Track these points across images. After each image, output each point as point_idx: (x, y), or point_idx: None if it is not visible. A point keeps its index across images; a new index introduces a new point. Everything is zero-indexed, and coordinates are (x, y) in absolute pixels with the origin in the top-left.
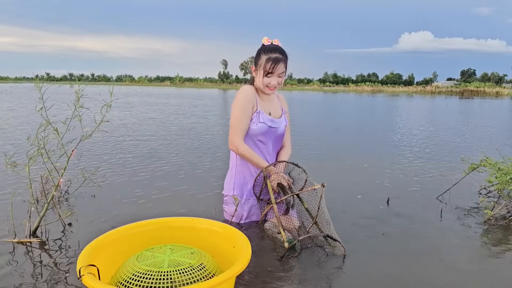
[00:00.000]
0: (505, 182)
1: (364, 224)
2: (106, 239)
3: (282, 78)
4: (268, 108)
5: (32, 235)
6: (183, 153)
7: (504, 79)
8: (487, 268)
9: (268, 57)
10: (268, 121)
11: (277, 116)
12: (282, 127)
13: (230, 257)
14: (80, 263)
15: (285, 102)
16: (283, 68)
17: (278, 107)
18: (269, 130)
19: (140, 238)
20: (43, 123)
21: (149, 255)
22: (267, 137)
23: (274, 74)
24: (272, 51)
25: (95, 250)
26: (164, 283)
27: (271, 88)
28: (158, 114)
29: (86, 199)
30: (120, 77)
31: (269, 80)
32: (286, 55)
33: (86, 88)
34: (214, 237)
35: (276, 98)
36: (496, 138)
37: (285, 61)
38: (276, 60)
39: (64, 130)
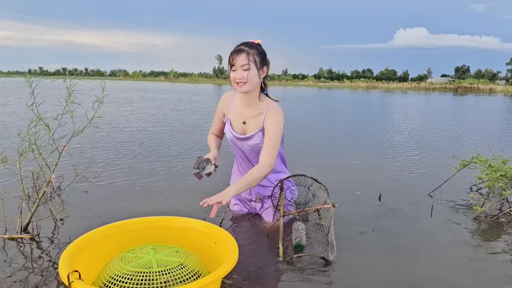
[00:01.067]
0: (495, 179)
1: (355, 220)
2: (83, 242)
3: (248, 72)
4: (245, 117)
5: (23, 231)
6: (181, 149)
7: (498, 76)
8: (477, 265)
9: (233, 50)
10: (229, 133)
11: (250, 129)
12: (250, 144)
13: (213, 254)
14: (62, 268)
15: (273, 116)
16: (246, 60)
17: (258, 121)
18: (232, 140)
19: (117, 239)
20: (34, 119)
21: (132, 257)
22: (234, 146)
23: (236, 67)
24: (238, 45)
25: (73, 254)
26: (156, 283)
27: (239, 84)
28: (159, 110)
29: (78, 195)
30: (114, 71)
31: (234, 75)
32: (257, 50)
33: (79, 83)
34: (193, 234)
35: (263, 113)
36: (488, 135)
37: (250, 53)
38: (237, 51)
39: (55, 125)
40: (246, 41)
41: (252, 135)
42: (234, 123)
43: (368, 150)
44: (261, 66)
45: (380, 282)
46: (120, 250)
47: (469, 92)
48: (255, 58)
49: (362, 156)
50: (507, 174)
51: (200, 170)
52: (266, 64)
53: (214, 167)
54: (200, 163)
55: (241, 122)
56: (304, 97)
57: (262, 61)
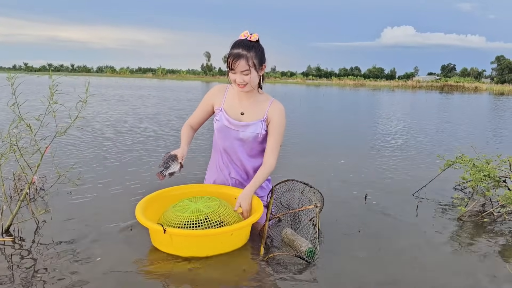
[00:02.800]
0: (479, 179)
1: (340, 221)
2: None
3: (249, 76)
4: (243, 108)
5: (4, 234)
6: (166, 147)
7: (483, 74)
8: (461, 265)
9: (231, 52)
10: (224, 120)
11: (248, 119)
12: (246, 133)
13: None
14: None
15: (278, 113)
16: (246, 66)
17: (259, 111)
18: (225, 129)
19: (170, 199)
20: (15, 119)
21: (181, 207)
22: (224, 136)
23: (236, 71)
24: (237, 46)
25: (143, 209)
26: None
27: (240, 86)
28: (157, 108)
29: (62, 196)
30: (101, 68)
31: (234, 77)
32: (255, 51)
33: (65, 79)
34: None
35: (267, 104)
36: (473, 134)
37: (249, 58)
38: (236, 56)
39: (37, 126)
40: (242, 39)
41: (252, 123)
42: (229, 112)
43: (353, 150)
44: (260, 66)
45: (364, 283)
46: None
47: (455, 90)
48: (254, 61)
49: (347, 156)
50: (490, 174)
51: (163, 169)
52: (264, 62)
53: (179, 166)
54: (166, 160)
55: (239, 113)
56: (292, 95)
57: (260, 61)
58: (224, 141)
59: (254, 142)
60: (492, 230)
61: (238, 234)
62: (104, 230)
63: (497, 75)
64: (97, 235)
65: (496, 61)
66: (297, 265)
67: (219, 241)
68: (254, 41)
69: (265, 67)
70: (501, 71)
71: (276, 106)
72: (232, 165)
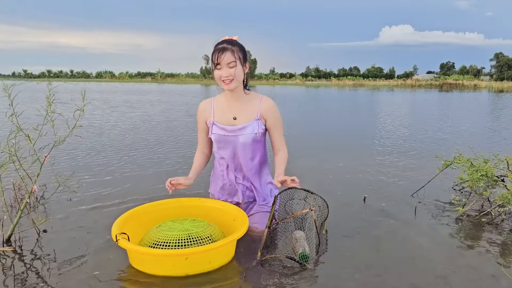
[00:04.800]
0: (476, 179)
1: (340, 223)
2: (129, 215)
3: (235, 68)
4: (234, 112)
5: (5, 244)
6: (168, 157)
7: (482, 71)
8: (460, 266)
9: (215, 48)
10: (220, 130)
11: (242, 121)
12: (245, 136)
13: (231, 229)
14: (114, 230)
15: (270, 109)
16: (232, 57)
17: (252, 111)
18: (225, 138)
19: (155, 215)
20: (14, 130)
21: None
22: (226, 145)
23: (222, 65)
24: (220, 43)
25: (121, 224)
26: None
27: (226, 82)
28: (168, 115)
29: (62, 203)
30: (100, 73)
31: (220, 73)
32: (239, 46)
33: (64, 85)
34: (216, 213)
35: (256, 101)
36: (474, 133)
37: (234, 51)
38: (221, 50)
39: (36, 136)
40: (225, 38)
41: (248, 125)
42: (222, 121)
43: (351, 151)
44: (244, 62)
45: (364, 285)
46: (160, 221)
47: (454, 88)
48: (239, 54)
49: (345, 158)
50: (488, 174)
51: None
52: (247, 60)
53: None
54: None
55: (231, 118)
56: (292, 97)
57: (244, 57)
58: (225, 151)
59: (254, 142)
60: (490, 230)
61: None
62: (105, 238)
63: (496, 72)
64: (97, 244)
65: (495, 58)
66: (296, 269)
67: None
68: (235, 40)
69: (249, 65)
70: (500, 68)
71: (266, 103)
72: (236, 172)
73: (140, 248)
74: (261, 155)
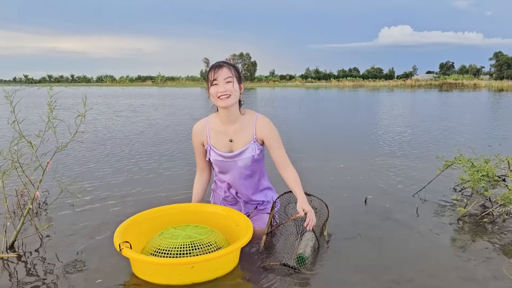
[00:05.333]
0: (477, 179)
1: (341, 224)
2: (131, 221)
3: (232, 84)
4: (231, 135)
5: (9, 250)
6: (170, 162)
7: (482, 71)
8: (460, 265)
9: (211, 66)
10: (218, 156)
11: (239, 145)
12: (244, 160)
13: (235, 234)
14: (116, 239)
15: (266, 128)
16: (229, 73)
17: (247, 133)
18: (223, 164)
19: (158, 220)
20: (16, 136)
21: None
22: (224, 169)
23: (219, 81)
24: (215, 62)
25: (123, 230)
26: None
27: (222, 98)
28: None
29: (65, 209)
30: (101, 77)
31: (216, 89)
32: (234, 66)
33: (65, 90)
34: (218, 218)
35: (252, 122)
36: (473, 133)
37: (231, 68)
38: (218, 66)
39: (38, 142)
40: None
41: (245, 149)
42: (218, 145)
43: (352, 153)
44: (239, 81)
45: (365, 286)
46: (162, 228)
47: (454, 88)
48: (235, 72)
49: (346, 160)
50: (488, 174)
51: None
52: (242, 81)
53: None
54: None
55: (227, 141)
56: (292, 98)
57: (239, 77)
58: (224, 174)
59: (253, 163)
60: (492, 230)
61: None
62: (108, 244)
63: (496, 71)
64: (100, 250)
65: (494, 57)
66: (299, 273)
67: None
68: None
69: (243, 87)
70: (499, 67)
71: (261, 122)
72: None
73: (145, 257)
74: (260, 171)
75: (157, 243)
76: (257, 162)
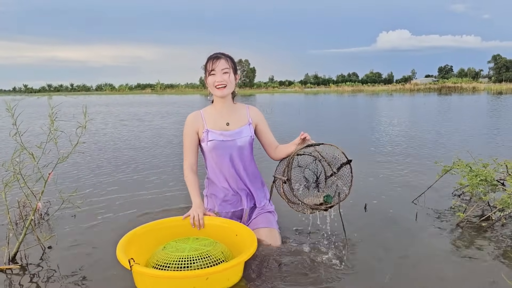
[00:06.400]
0: (476, 184)
1: (342, 230)
2: (132, 235)
3: (228, 75)
4: (226, 119)
5: (11, 261)
6: (170, 169)
7: (480, 74)
8: (460, 271)
9: (209, 57)
10: (218, 136)
11: (236, 126)
12: (243, 139)
13: (234, 245)
14: (121, 255)
15: (259, 114)
16: (226, 64)
17: (242, 117)
18: (223, 144)
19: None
20: (18, 148)
21: (173, 246)
22: (224, 151)
23: (216, 71)
24: (213, 53)
25: (125, 245)
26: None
27: (219, 88)
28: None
29: (66, 220)
30: (100, 86)
31: (214, 78)
32: (231, 58)
33: (65, 99)
34: (217, 229)
35: (244, 109)
36: (472, 137)
37: (228, 59)
38: (216, 57)
39: (40, 153)
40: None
41: (242, 128)
42: (216, 127)
43: (351, 158)
44: (235, 72)
45: None
46: (161, 242)
47: (453, 91)
48: (231, 64)
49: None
50: (487, 178)
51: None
52: (237, 72)
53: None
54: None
55: (224, 124)
56: (291, 104)
57: (235, 68)
58: (222, 158)
59: (248, 146)
60: (491, 235)
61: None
62: (110, 254)
63: (495, 74)
64: (102, 260)
65: (493, 60)
66: (297, 275)
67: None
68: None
69: (239, 77)
70: (498, 70)
71: (254, 110)
72: (236, 180)
73: (162, 273)
74: (253, 159)
75: (162, 257)
76: (251, 146)
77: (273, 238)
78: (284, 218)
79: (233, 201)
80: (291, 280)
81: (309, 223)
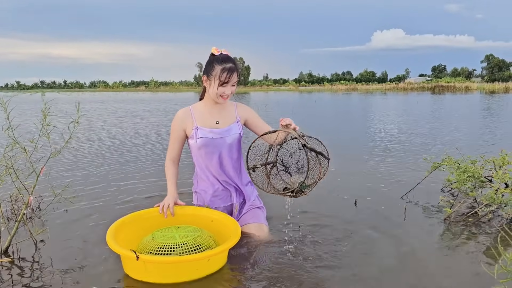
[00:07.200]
0: (463, 180)
1: (331, 226)
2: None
3: (235, 87)
4: (216, 118)
5: (3, 255)
6: (158, 162)
7: (473, 73)
8: (446, 265)
9: (223, 67)
10: (208, 133)
11: (225, 124)
12: (232, 136)
13: (212, 229)
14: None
15: (247, 110)
16: (236, 78)
17: (230, 115)
18: (213, 141)
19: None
20: (10, 143)
21: (160, 234)
22: (213, 148)
23: (229, 84)
24: (226, 61)
25: (114, 233)
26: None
27: (224, 98)
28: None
29: (58, 214)
30: (94, 83)
31: (223, 90)
32: (238, 68)
33: (58, 96)
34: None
35: (232, 107)
36: (463, 135)
37: (239, 71)
38: (231, 70)
39: (32, 148)
40: (227, 54)
41: (231, 126)
42: (206, 125)
43: (342, 156)
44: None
45: (354, 286)
46: (147, 230)
47: (446, 91)
48: (239, 73)
49: (336, 162)
50: (474, 175)
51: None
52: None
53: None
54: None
55: (214, 123)
56: (285, 102)
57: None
58: (211, 156)
59: (237, 143)
60: (477, 230)
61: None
62: (102, 247)
63: (487, 73)
64: (94, 253)
65: (486, 60)
66: (288, 271)
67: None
68: (234, 58)
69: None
70: (491, 69)
71: (242, 107)
72: (223, 176)
73: (172, 258)
74: (241, 156)
75: (157, 244)
76: (239, 144)
77: (262, 233)
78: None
79: (223, 196)
80: (279, 275)
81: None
